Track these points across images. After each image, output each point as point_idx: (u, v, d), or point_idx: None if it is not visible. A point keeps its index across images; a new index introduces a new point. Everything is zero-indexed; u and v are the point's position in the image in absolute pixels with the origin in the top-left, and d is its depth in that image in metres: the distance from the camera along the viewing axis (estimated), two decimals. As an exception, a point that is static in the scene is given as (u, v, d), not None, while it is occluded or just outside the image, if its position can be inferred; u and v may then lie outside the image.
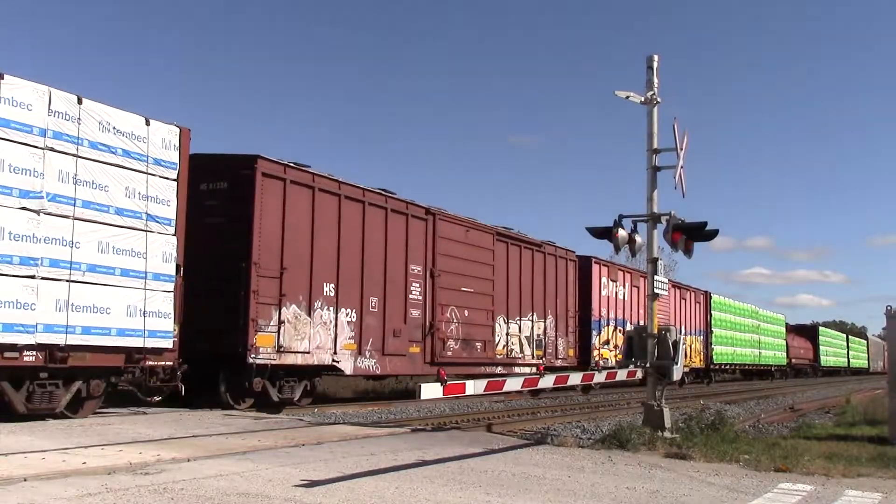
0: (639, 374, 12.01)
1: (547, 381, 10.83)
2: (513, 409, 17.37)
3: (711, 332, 37.10)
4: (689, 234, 11.72)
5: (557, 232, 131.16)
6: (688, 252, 11.87)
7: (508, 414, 16.30)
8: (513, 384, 10.09)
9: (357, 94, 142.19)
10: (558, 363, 23.04)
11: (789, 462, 8.78)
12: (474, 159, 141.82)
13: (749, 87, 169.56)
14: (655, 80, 11.94)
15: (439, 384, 8.03)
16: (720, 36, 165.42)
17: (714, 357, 37.20)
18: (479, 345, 19.40)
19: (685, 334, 32.73)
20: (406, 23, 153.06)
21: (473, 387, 8.99)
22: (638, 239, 11.93)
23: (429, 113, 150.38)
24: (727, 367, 40.59)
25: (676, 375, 11.49)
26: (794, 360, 54.08)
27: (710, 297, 37.70)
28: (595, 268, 26.15)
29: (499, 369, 20.19)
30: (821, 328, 65.61)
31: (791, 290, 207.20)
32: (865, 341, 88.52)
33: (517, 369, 20.83)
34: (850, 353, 76.72)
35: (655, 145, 11.89)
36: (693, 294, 35.26)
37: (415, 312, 17.44)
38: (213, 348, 13.35)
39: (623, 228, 11.77)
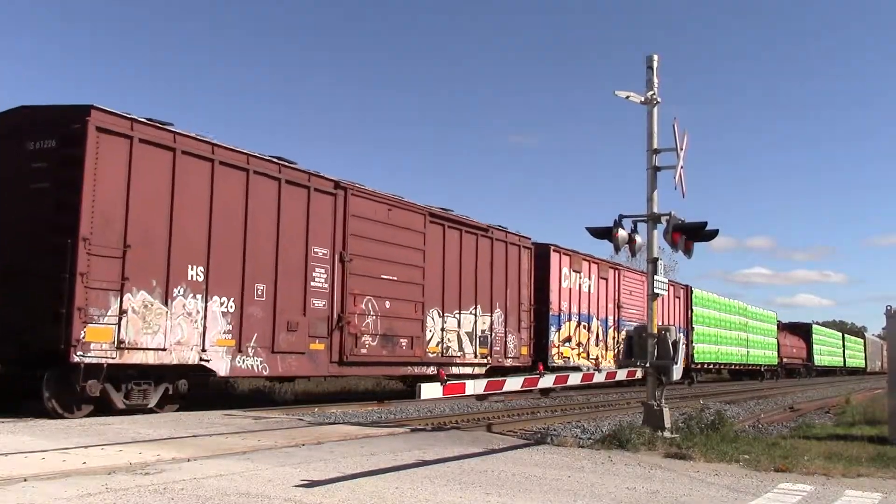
0: (639, 374, 12.01)
1: (547, 381, 10.83)
2: (513, 409, 17.36)
3: (692, 329, 34.88)
4: (689, 235, 11.73)
5: (557, 232, 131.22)
6: (688, 252, 11.88)
7: (508, 414, 16.29)
8: (513, 384, 10.08)
9: (357, 94, 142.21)
10: (508, 363, 20.72)
11: (789, 462, 8.78)
12: (474, 159, 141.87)
13: (749, 87, 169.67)
14: (655, 80, 11.95)
15: (439, 384, 8.04)
16: (720, 36, 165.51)
17: (695, 356, 34.93)
18: (404, 341, 17.05)
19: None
20: (406, 22, 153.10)
21: (473, 387, 9.00)
22: (638, 239, 11.94)
23: (428, 113, 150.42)
24: (711, 366, 38.81)
25: (676, 375, 11.49)
26: (785, 360, 52.03)
27: (692, 292, 35.54)
28: (554, 256, 23.65)
29: (431, 370, 17.96)
30: (815, 326, 62.96)
31: (791, 290, 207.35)
32: (863, 340, 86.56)
33: (455, 370, 18.63)
34: (847, 352, 74.48)
35: (655, 145, 11.89)
36: (674, 289, 32.95)
37: (318, 303, 14.96)
38: (34, 344, 11.14)
39: (623, 228, 11.78)
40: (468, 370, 19.35)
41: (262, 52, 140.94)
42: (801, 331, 59.32)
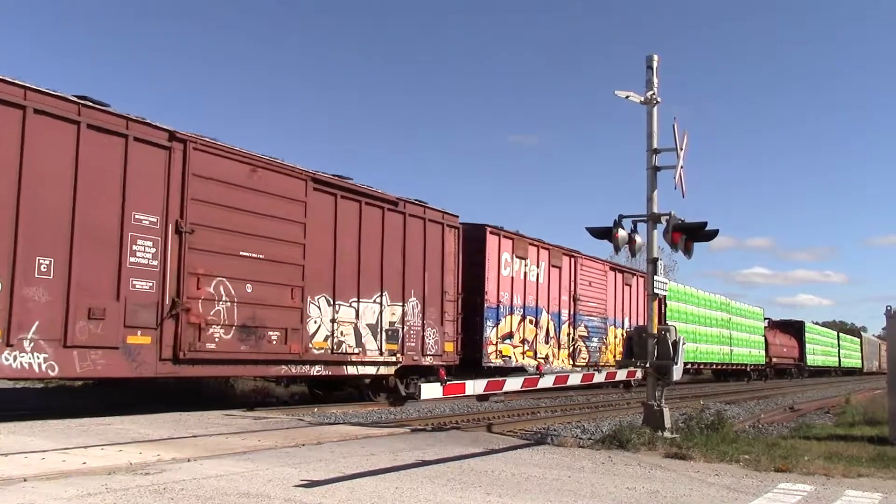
0: (639, 374, 12.01)
1: (546, 382, 10.85)
2: (513, 409, 17.37)
3: (666, 325, 33.15)
4: (689, 234, 11.73)
5: (558, 232, 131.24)
6: (688, 252, 11.88)
7: (508, 414, 16.29)
8: (513, 384, 10.08)
9: (356, 93, 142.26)
10: (426, 361, 17.48)
11: (789, 462, 8.78)
12: (474, 158, 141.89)
13: (749, 87, 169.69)
14: (655, 80, 11.95)
15: (439, 384, 8.05)
16: (720, 36, 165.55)
17: None
18: (275, 334, 13.73)
19: (629, 327, 27.82)
20: (406, 21, 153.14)
21: (473, 387, 9.01)
22: (638, 239, 11.94)
23: (428, 112, 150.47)
24: (689, 366, 35.39)
25: (677, 375, 11.50)
26: (774, 359, 48.53)
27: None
28: (491, 239, 20.16)
29: (316, 369, 14.80)
30: (807, 324, 58.68)
31: (791, 290, 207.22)
32: (859, 340, 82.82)
33: (350, 369, 15.62)
34: (842, 351, 70.99)
35: (655, 145, 11.90)
36: (642, 280, 29.37)
37: (142, 283, 11.83)
38: None
39: (623, 228, 11.78)
40: (370, 370, 16.09)
41: (261, 51, 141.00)
42: (793, 329, 55.76)
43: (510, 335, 20.94)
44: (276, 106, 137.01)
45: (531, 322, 22.04)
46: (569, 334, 24.15)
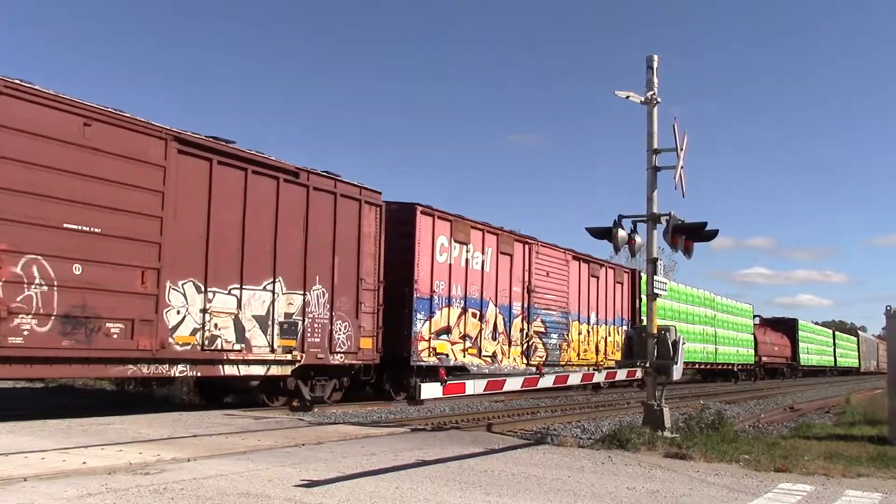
0: (639, 374, 12.02)
1: (546, 382, 10.84)
2: (513, 409, 17.37)
3: (641, 320, 27.85)
4: (689, 235, 11.74)
5: (558, 232, 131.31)
6: (688, 252, 11.89)
7: (508, 414, 16.30)
8: (513, 384, 10.08)
9: (356, 93, 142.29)
10: (336, 359, 15.12)
11: (789, 462, 8.79)
12: (474, 158, 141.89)
13: (749, 87, 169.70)
14: (655, 80, 11.96)
15: (439, 384, 8.04)
16: (720, 36, 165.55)
17: None
18: (116, 327, 11.27)
19: (596, 323, 26.09)
20: (406, 21, 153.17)
21: (474, 387, 9.01)
22: (638, 239, 11.94)
23: (428, 112, 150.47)
24: None
25: (677, 375, 11.50)
26: (765, 359, 46.02)
27: (640, 278, 28.98)
28: (423, 221, 17.67)
29: (178, 370, 12.30)
30: (801, 322, 55.90)
31: (791, 291, 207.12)
32: (856, 339, 79.76)
33: (229, 369, 13.09)
34: (837, 350, 68.36)
35: (655, 145, 11.90)
36: (612, 272, 27.65)
37: None
38: None
39: (623, 229, 11.78)
40: (258, 370, 13.64)
41: (262, 50, 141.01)
42: (785, 327, 53.01)
43: (447, 330, 18.36)
44: (274, 106, 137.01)
45: (475, 315, 19.44)
46: (522, 330, 21.56)
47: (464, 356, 19.06)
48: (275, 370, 13.95)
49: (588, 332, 25.68)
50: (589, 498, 6.52)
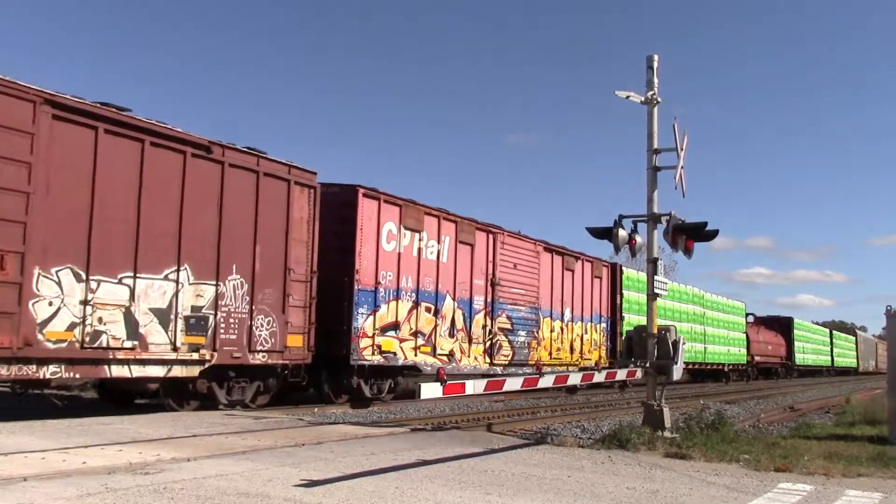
0: (639, 374, 12.01)
1: (547, 381, 10.83)
2: (513, 409, 17.38)
3: (622, 318, 27.75)
4: (690, 235, 11.73)
5: (557, 232, 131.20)
6: (688, 252, 11.88)
7: (508, 414, 16.30)
8: (513, 384, 10.07)
9: (356, 93, 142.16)
10: (257, 358, 13.50)
11: (789, 462, 8.78)
12: (472, 158, 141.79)
13: (750, 87, 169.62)
14: (655, 80, 11.95)
15: (439, 384, 8.04)
16: (721, 35, 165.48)
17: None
18: None
19: (571, 320, 24.30)
20: (405, 21, 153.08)
21: (473, 386, 9.00)
22: (638, 239, 11.94)
23: (426, 112, 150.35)
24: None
25: (677, 375, 11.49)
26: (758, 358, 44.42)
27: (620, 272, 28.02)
28: (367, 205, 16.06)
29: (51, 370, 10.68)
30: (796, 321, 53.97)
31: (792, 291, 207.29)
32: (854, 338, 78.48)
33: (118, 370, 11.50)
34: (835, 350, 66.78)
35: (655, 145, 11.89)
36: (589, 266, 25.69)
37: None
38: None
39: (623, 229, 11.77)
40: (156, 371, 12.01)
41: (261, 53, 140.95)
42: (780, 326, 51.50)
43: (395, 326, 16.76)
44: (271, 107, 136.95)
45: (429, 310, 17.77)
46: (485, 326, 19.84)
47: (415, 354, 17.28)
48: (178, 371, 12.27)
49: (562, 329, 23.85)
50: (589, 498, 6.52)
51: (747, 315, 45.44)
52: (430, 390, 8.01)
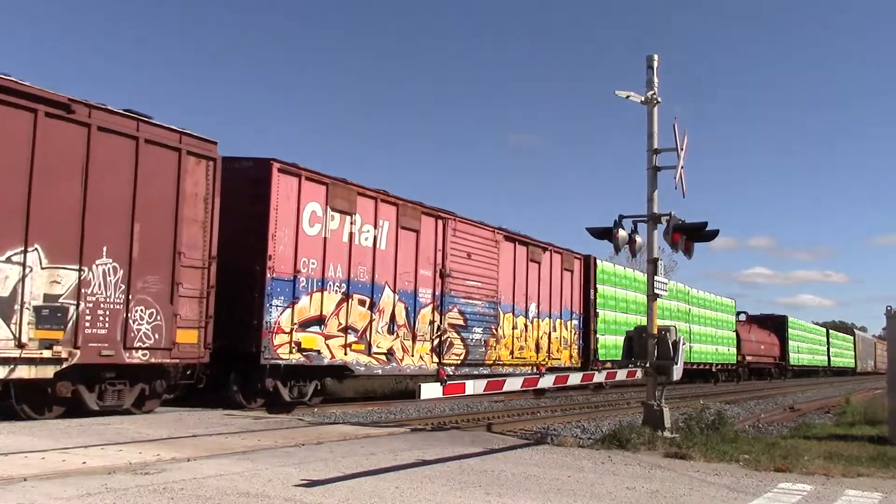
0: (639, 374, 12.02)
1: (547, 381, 10.83)
2: (513, 409, 17.38)
3: (596, 314, 25.94)
4: (690, 235, 11.74)
5: (557, 232, 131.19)
6: (688, 252, 11.89)
7: (508, 414, 16.30)
8: (513, 384, 10.07)
9: (356, 93, 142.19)
10: (135, 357, 11.55)
11: (789, 462, 8.79)
12: (474, 158, 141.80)
13: (750, 87, 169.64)
14: (655, 80, 11.96)
15: (439, 384, 8.04)
16: (721, 35, 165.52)
17: (600, 352, 26.07)
18: None
19: (537, 316, 22.32)
20: (406, 21, 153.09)
21: (473, 386, 9.00)
22: (638, 239, 11.94)
23: (427, 112, 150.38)
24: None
25: (677, 375, 11.50)
26: (749, 358, 42.63)
27: (594, 265, 26.00)
28: (284, 182, 14.11)
29: None
30: (791, 319, 52.27)
31: (792, 291, 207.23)
32: (852, 338, 76.47)
33: None
34: (832, 350, 64.89)
35: (656, 145, 11.90)
36: (558, 258, 23.60)
37: None
38: None
39: (623, 229, 11.78)
40: None
41: (262, 49, 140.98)
42: (774, 324, 49.84)
43: (320, 320, 14.82)
44: (270, 107, 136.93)
45: (363, 303, 15.84)
46: (432, 322, 17.89)
47: (345, 353, 15.34)
48: (24, 371, 10.29)
49: (526, 326, 21.85)
50: (589, 498, 6.52)
51: (739, 314, 44.25)
52: (430, 391, 8.01)
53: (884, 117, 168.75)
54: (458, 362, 18.84)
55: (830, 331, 67.84)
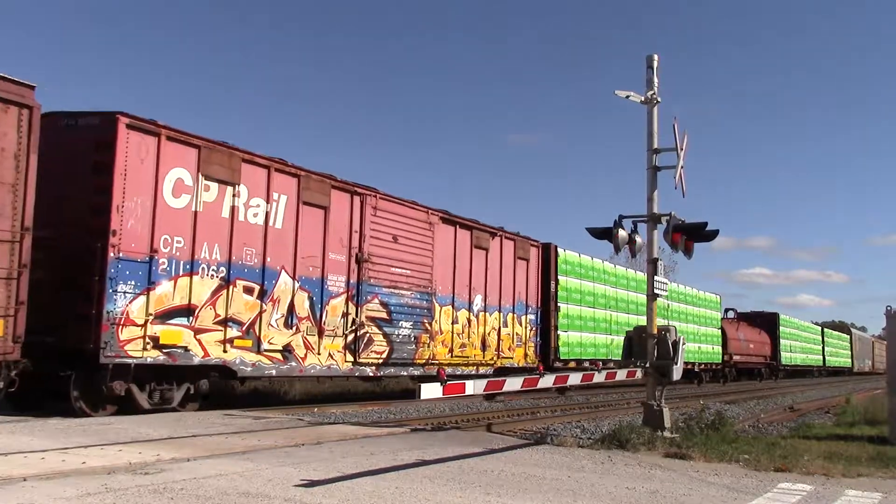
0: (639, 374, 12.02)
1: (546, 381, 10.82)
2: (513, 409, 17.37)
3: (557, 309, 23.59)
4: (690, 235, 11.73)
5: (557, 231, 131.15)
6: (688, 252, 11.88)
7: (508, 414, 16.30)
8: (513, 384, 10.06)
9: (356, 93, 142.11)
10: None
11: (789, 462, 8.79)
12: (473, 158, 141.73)
13: (750, 87, 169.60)
14: (655, 80, 11.95)
15: (439, 384, 8.04)
16: (721, 35, 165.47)
17: (562, 350, 23.73)
18: None
19: (483, 309, 20.03)
20: (406, 21, 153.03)
21: (474, 387, 9.00)
22: (638, 239, 11.94)
23: (427, 112, 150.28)
24: (585, 363, 25.09)
25: (676, 375, 11.50)
26: (736, 357, 40.39)
27: (555, 254, 23.62)
28: (136, 142, 11.87)
29: None
30: (782, 317, 50.06)
31: (792, 291, 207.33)
32: (849, 336, 74.59)
33: None
34: (827, 349, 62.98)
35: (655, 145, 11.90)
36: (510, 245, 21.26)
37: None
38: None
39: (623, 229, 11.78)
40: None
41: (262, 49, 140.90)
42: (764, 322, 47.80)
43: (188, 310, 12.52)
44: (270, 106, 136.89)
45: (249, 291, 13.59)
46: (346, 315, 15.67)
47: (224, 350, 13.07)
48: None
49: (469, 321, 19.57)
50: (589, 498, 6.52)
51: (727, 310, 42.73)
52: (430, 391, 8.00)
53: (884, 117, 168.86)
54: (380, 361, 16.68)
55: (826, 329, 66.20)
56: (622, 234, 11.73)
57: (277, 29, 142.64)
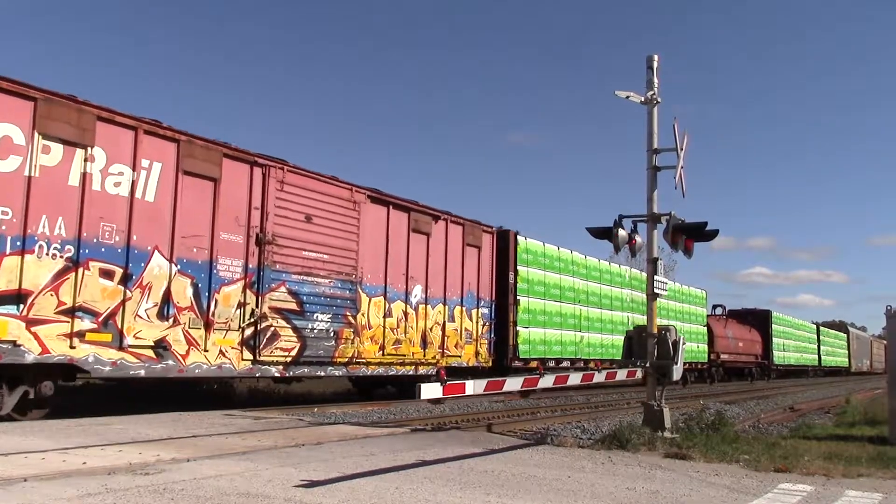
0: (639, 374, 12.02)
1: (546, 381, 10.81)
2: (513, 409, 17.37)
3: (516, 302, 21.37)
4: (690, 234, 11.74)
5: (557, 231, 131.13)
6: (688, 252, 11.89)
7: (508, 414, 16.30)
8: (512, 384, 10.06)
9: (356, 92, 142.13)
10: None
11: (789, 462, 8.78)
12: (472, 158, 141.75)
13: (750, 87, 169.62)
14: (655, 80, 11.95)
15: (439, 384, 8.04)
16: (721, 36, 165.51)
17: (521, 348, 21.59)
18: None
19: (424, 301, 18.02)
20: (404, 20, 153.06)
21: (473, 387, 9.00)
22: (638, 239, 11.94)
23: (426, 111, 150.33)
24: (566, 364, 23.63)
25: (677, 375, 11.50)
26: (724, 356, 38.53)
27: (514, 242, 21.50)
28: None
29: None
30: (775, 315, 48.03)
31: (792, 291, 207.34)
32: (845, 335, 72.10)
33: None
34: (823, 348, 60.87)
35: (655, 145, 11.90)
36: (457, 230, 19.24)
37: None
38: None
39: (623, 229, 11.78)
40: None
41: (259, 50, 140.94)
42: (755, 320, 45.77)
43: (17, 297, 10.45)
44: (271, 105, 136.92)
45: (108, 275, 11.54)
46: (243, 304, 13.64)
47: (71, 345, 11.03)
48: None
49: (406, 314, 17.50)
50: (589, 498, 6.51)
51: (715, 307, 41.31)
52: (430, 391, 8.01)
53: (884, 117, 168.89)
54: (289, 360, 14.53)
55: (822, 328, 64.19)
56: (622, 233, 11.73)
57: (277, 29, 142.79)
